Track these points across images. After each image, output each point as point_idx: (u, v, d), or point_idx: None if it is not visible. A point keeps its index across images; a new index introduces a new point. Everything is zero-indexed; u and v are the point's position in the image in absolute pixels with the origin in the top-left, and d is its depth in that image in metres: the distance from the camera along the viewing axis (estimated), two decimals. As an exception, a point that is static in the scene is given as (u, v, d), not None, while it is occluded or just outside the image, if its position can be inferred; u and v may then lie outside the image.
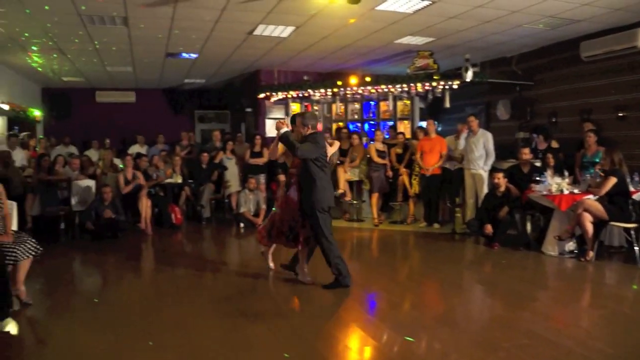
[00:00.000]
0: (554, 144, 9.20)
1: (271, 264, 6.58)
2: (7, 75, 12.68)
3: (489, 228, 7.78)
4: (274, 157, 6.53)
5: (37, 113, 14.23)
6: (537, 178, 7.61)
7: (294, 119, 6.13)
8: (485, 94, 12.47)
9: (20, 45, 10.26)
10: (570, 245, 7.15)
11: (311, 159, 5.68)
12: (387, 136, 11.26)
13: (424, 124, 11.02)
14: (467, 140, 8.98)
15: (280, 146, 5.93)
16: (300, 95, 12.73)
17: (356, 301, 5.58)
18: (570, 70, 10.27)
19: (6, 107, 11.15)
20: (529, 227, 7.93)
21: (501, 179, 7.92)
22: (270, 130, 13.55)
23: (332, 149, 6.30)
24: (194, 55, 11.74)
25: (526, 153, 8.23)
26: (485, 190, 8.58)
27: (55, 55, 11.42)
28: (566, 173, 7.45)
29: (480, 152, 8.76)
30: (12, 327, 4.50)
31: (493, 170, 8.43)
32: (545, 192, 7.29)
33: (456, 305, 5.35)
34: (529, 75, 11.29)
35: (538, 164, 8.50)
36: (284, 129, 5.62)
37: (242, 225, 10.02)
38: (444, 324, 4.66)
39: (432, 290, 6.12)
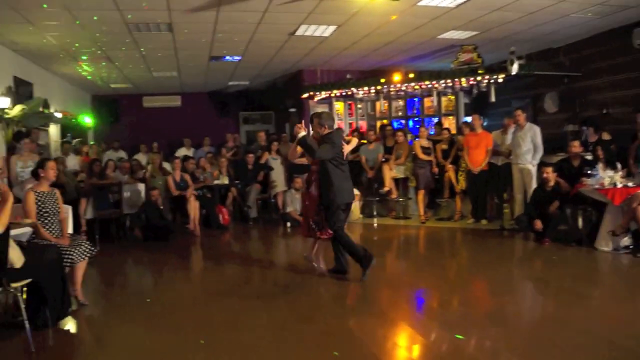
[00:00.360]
0: (605, 136, 8.92)
1: (320, 265, 6.68)
2: (60, 85, 13.11)
3: (538, 224, 7.61)
4: (293, 158, 7.01)
5: (87, 120, 14.67)
6: (589, 171, 7.40)
7: (312, 119, 6.35)
8: (532, 87, 12.19)
9: (71, 55, 10.60)
10: (625, 241, 6.91)
11: (328, 159, 5.94)
12: (432, 132, 11.15)
13: (469, 119, 10.87)
14: (514, 135, 8.80)
15: (298, 148, 6.19)
16: (344, 93, 12.73)
17: (405, 299, 5.56)
18: (622, 59, 9.93)
19: (59, 115, 11.54)
20: (580, 222, 7.71)
21: (550, 173, 7.73)
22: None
23: (348, 147, 6.54)
24: (237, 58, 11.88)
25: (576, 146, 8.01)
26: (534, 185, 8.39)
27: (104, 64, 11.76)
28: (619, 166, 7.20)
29: (528, 146, 8.57)
30: (71, 326, 4.69)
31: (542, 165, 8.23)
32: (597, 186, 7.09)
33: (506, 302, 5.26)
34: (577, 66, 10.98)
35: (589, 157, 8.27)
36: (302, 133, 5.91)
37: (289, 224, 10.10)
38: (494, 321, 4.59)
39: (481, 288, 6.03)
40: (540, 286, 5.94)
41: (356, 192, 10.28)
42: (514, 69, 9.99)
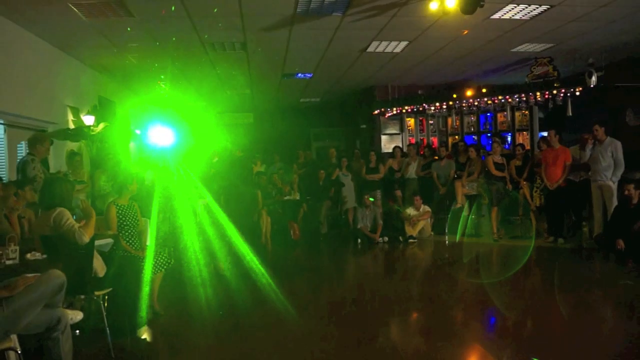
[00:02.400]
0: None
1: None
2: (140, 103, 13.70)
3: (620, 243, 7.26)
4: None
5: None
6: (676, 188, 7.00)
7: None
8: (612, 99, 11.68)
9: (150, 75, 11.08)
10: None
11: None
12: (506, 147, 10.90)
13: (544, 134, 10.55)
14: (593, 150, 8.46)
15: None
16: (415, 109, 12.67)
17: (477, 319, 5.43)
18: None
19: (139, 132, 12.06)
20: (667, 242, 7.29)
21: (632, 190, 7.37)
22: (386, 146, 13.57)
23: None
24: (309, 75, 12.06)
25: (661, 161, 7.62)
26: (615, 202, 8.01)
27: (180, 82, 12.21)
28: None
29: (608, 161, 8.20)
30: (147, 335, 4.87)
31: (623, 181, 7.85)
32: (685, 204, 6.70)
33: (586, 325, 5.03)
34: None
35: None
36: None
37: (359, 240, 10.09)
38: (573, 345, 4.41)
39: (558, 309, 5.78)
40: (622, 310, 5.65)
41: (427, 208, 10.22)
42: (593, 81, 9.65)
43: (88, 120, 9.15)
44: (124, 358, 4.39)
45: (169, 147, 13.59)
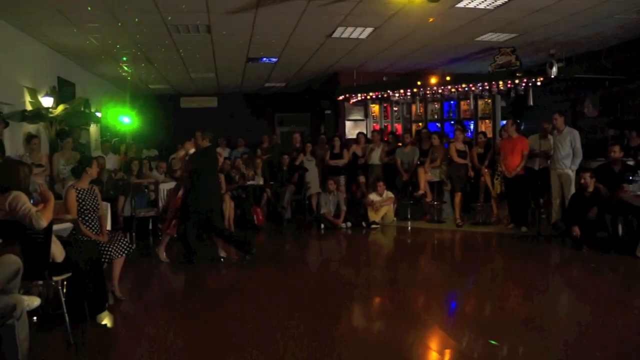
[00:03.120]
0: None
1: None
2: (100, 85, 13.43)
3: (576, 230, 7.46)
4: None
5: (126, 120, 14.96)
6: (630, 177, 7.22)
7: None
8: (572, 90, 11.95)
9: (112, 56, 10.85)
10: (669, 249, 6.73)
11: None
12: (469, 136, 11.04)
13: (505, 122, 10.73)
14: (552, 139, 8.65)
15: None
16: (380, 96, 12.71)
17: (438, 303, 5.52)
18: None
19: (100, 114, 11.82)
20: (620, 229, 7.51)
21: (588, 179, 7.55)
22: (350, 131, 13.61)
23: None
24: (274, 60, 11.98)
25: (616, 151, 7.81)
26: (573, 190, 8.22)
27: (143, 65, 12.00)
28: (662, 172, 7.02)
29: (567, 150, 8.40)
30: (108, 320, 4.81)
31: (581, 170, 8.06)
32: (639, 192, 6.91)
33: (543, 309, 5.16)
34: (619, 69, 10.72)
35: (631, 162, 8.06)
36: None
37: (322, 226, 10.13)
38: (529, 328, 4.52)
39: (516, 294, 5.93)
40: (578, 294, 5.83)
41: (390, 194, 10.30)
42: (554, 72, 9.82)
43: (46, 101, 8.91)
44: (83, 344, 4.32)
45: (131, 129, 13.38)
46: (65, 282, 4.65)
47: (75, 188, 5.41)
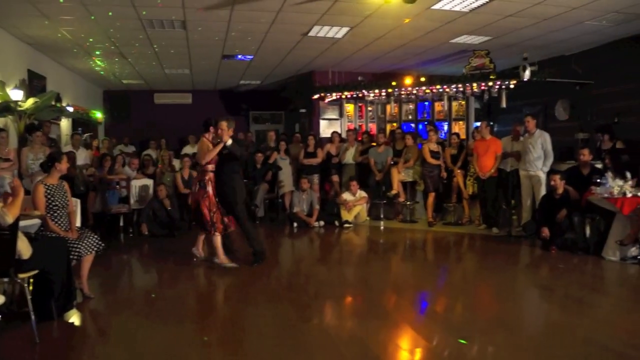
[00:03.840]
0: (619, 144, 8.85)
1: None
2: (72, 79, 13.22)
3: (545, 231, 7.59)
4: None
5: (99, 115, 14.77)
6: (598, 180, 7.36)
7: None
8: (543, 94, 12.13)
9: (85, 50, 10.69)
10: (634, 251, 6.85)
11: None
12: (443, 137, 11.12)
13: (479, 124, 10.85)
14: (524, 141, 8.77)
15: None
16: (355, 95, 12.74)
17: (409, 302, 5.56)
18: (635, 68, 9.87)
19: (71, 109, 11.62)
20: (588, 231, 7.66)
21: (558, 181, 7.69)
22: (324, 131, 13.62)
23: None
24: (249, 57, 11.92)
25: (585, 154, 7.96)
26: (543, 192, 8.36)
27: (116, 59, 11.84)
28: (629, 175, 7.15)
29: (538, 153, 8.52)
30: (75, 318, 4.73)
31: (551, 172, 8.20)
32: (606, 195, 7.05)
33: (511, 309, 5.24)
34: (589, 74, 10.93)
35: (599, 165, 8.22)
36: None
37: (295, 224, 10.12)
38: (498, 327, 4.58)
39: (486, 293, 6.01)
40: (546, 294, 5.91)
41: (364, 194, 10.34)
42: (526, 75, 9.96)
43: (15, 94, 8.73)
44: (50, 342, 4.25)
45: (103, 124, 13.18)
46: (31, 280, 4.56)
47: (43, 183, 5.31)
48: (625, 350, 3.97)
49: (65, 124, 12.22)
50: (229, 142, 6.67)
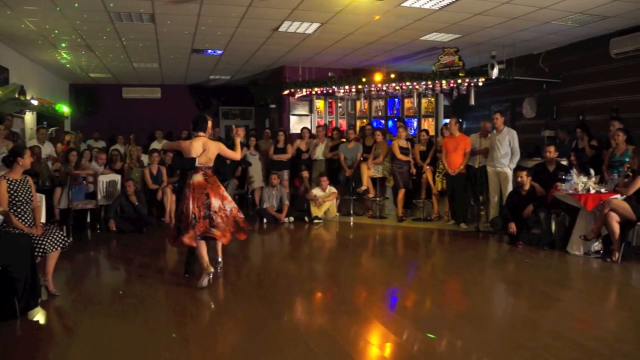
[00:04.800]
0: (594, 143, 9.03)
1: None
2: (37, 72, 12.92)
3: (512, 227, 7.71)
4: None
5: (65, 109, 14.48)
6: (563, 177, 7.51)
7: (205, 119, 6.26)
8: (511, 92, 12.32)
9: (50, 42, 10.45)
10: (596, 246, 7.03)
11: None
12: (413, 134, 11.20)
13: (448, 121, 10.95)
14: (491, 138, 8.90)
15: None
16: (325, 91, 12.74)
17: (378, 298, 5.59)
18: (599, 67, 10.11)
19: (36, 102, 11.36)
20: (553, 226, 7.82)
21: (525, 177, 7.83)
22: (294, 126, 13.60)
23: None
24: (219, 52, 11.82)
25: (551, 151, 8.11)
26: (510, 188, 8.50)
27: (83, 52, 11.62)
28: (592, 172, 7.33)
29: (505, 149, 8.67)
30: (40, 317, 4.63)
31: (517, 169, 8.34)
32: (571, 191, 7.20)
33: (479, 303, 5.31)
34: (556, 73, 11.14)
35: (565, 162, 8.39)
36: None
37: (265, 220, 10.09)
38: (466, 322, 4.64)
39: (454, 288, 6.08)
40: (512, 288, 6.02)
41: (333, 189, 10.36)
42: (494, 73, 10.09)
43: (-23, 87, 8.51)
44: (13, 342, 4.15)
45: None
46: (-6, 277, 4.46)
47: (6, 179, 5.19)
48: (587, 343, 4.06)
49: (29, 117, 11.94)
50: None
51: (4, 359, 3.91)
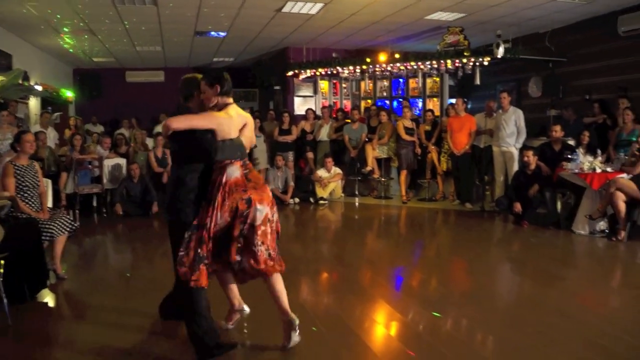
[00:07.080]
0: (608, 121, 9.00)
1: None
2: (40, 57, 12.90)
3: (518, 206, 7.70)
4: None
5: (69, 94, 14.47)
6: (569, 156, 7.48)
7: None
8: (517, 71, 12.22)
9: (52, 27, 10.42)
10: (602, 225, 7.02)
11: None
12: (418, 114, 11.15)
13: (453, 101, 10.89)
14: (497, 117, 8.85)
15: None
16: (329, 72, 12.68)
17: (384, 277, 5.62)
18: (607, 45, 9.99)
19: (40, 88, 11.35)
20: (559, 205, 7.79)
21: (531, 157, 7.80)
22: (299, 108, 13.56)
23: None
24: (222, 34, 11.76)
25: (557, 131, 8.05)
26: (516, 167, 8.47)
27: (86, 36, 11.58)
28: (599, 151, 7.30)
29: (511, 129, 8.62)
30: (48, 300, 4.68)
31: (523, 148, 8.30)
32: (576, 171, 7.18)
33: (484, 282, 5.33)
34: (562, 52, 11.03)
35: (571, 141, 8.35)
36: None
37: (270, 202, 10.08)
38: (471, 301, 4.66)
39: (460, 268, 6.10)
40: (517, 267, 6.04)
41: (338, 170, 10.36)
42: (500, 52, 10.01)
43: (-20, 73, 8.51)
44: (22, 325, 4.20)
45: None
46: (2, 262, 4.49)
47: (13, 164, 5.21)
48: (591, 320, 4.09)
49: (33, 103, 11.94)
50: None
51: (15, 341, 3.97)
